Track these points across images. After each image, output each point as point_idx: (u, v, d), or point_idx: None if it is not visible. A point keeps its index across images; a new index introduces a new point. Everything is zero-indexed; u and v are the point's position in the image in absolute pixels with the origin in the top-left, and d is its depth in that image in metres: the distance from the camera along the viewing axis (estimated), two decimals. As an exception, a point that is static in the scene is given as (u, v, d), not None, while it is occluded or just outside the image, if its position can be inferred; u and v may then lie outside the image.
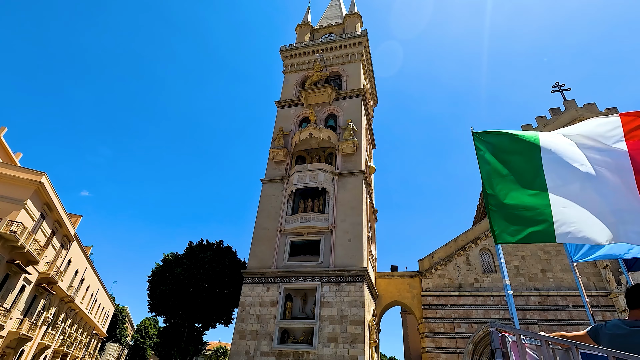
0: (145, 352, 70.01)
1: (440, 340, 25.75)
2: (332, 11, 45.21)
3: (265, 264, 24.46)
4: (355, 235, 24.15)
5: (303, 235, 25.09)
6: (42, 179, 24.94)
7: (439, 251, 29.41)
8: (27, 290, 26.94)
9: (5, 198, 23.56)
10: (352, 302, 21.63)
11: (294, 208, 26.79)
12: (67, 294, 34.41)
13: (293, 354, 20.72)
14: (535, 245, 27.67)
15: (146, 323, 74.22)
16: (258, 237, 25.91)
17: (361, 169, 27.28)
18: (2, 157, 28.91)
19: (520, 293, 25.87)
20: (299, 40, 39.18)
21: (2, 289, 23.74)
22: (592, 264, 26.09)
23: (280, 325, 21.91)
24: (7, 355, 27.11)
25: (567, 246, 6.18)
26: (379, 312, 27.91)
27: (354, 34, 35.99)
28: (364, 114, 32.03)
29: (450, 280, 27.84)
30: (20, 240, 22.65)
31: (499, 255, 4.34)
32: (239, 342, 21.87)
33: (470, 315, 26.15)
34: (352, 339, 20.44)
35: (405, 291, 28.49)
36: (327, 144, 29.58)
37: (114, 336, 64.72)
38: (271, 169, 29.37)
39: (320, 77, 33.04)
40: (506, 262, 25.96)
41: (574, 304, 24.97)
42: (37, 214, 25.54)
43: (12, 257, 23.51)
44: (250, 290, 23.63)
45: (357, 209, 25.31)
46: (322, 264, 23.49)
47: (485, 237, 28.73)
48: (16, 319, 26.10)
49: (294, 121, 31.97)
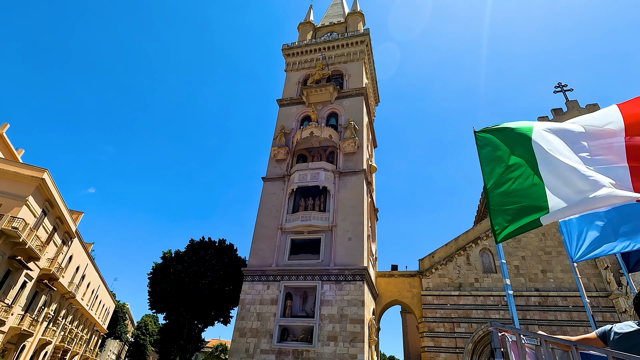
0: (146, 348, 70.26)
1: (440, 339, 25.77)
2: (335, 9, 45.10)
3: (266, 262, 24.49)
4: (355, 234, 24.15)
5: (303, 234, 25.11)
6: (43, 176, 25.00)
7: (440, 251, 29.39)
8: (29, 287, 27.04)
9: (7, 194, 23.63)
10: (352, 301, 21.65)
11: (295, 206, 26.80)
12: (68, 291, 34.52)
13: (293, 352, 20.76)
14: (535, 246, 27.64)
15: (146, 320, 74.49)
16: (259, 235, 25.94)
17: (362, 168, 27.26)
18: (4, 154, 28.98)
19: (520, 293, 25.85)
20: (301, 39, 39.12)
21: (4, 285, 23.84)
22: (592, 265, 26.05)
23: (280, 323, 21.95)
24: (9, 350, 27.25)
25: (568, 246, 6.15)
26: (378, 311, 27.93)
27: (356, 32, 35.91)
28: (366, 113, 31.99)
29: (451, 280, 27.84)
30: (21, 236, 22.72)
31: (500, 255, 4.33)
32: (238, 340, 21.93)
33: (470, 315, 26.15)
34: (352, 338, 20.47)
35: (405, 290, 28.50)
36: (329, 142, 29.56)
37: (115, 333, 64.97)
38: (272, 167, 29.37)
39: (322, 76, 32.97)
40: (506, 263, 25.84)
41: (574, 305, 24.94)
42: (39, 210, 25.60)
43: (13, 253, 23.60)
44: (250, 288, 23.68)
45: (357, 208, 25.31)
46: (323, 263, 23.51)
47: (485, 237, 28.70)
48: (17, 314, 26.20)
49: (296, 120, 31.95)
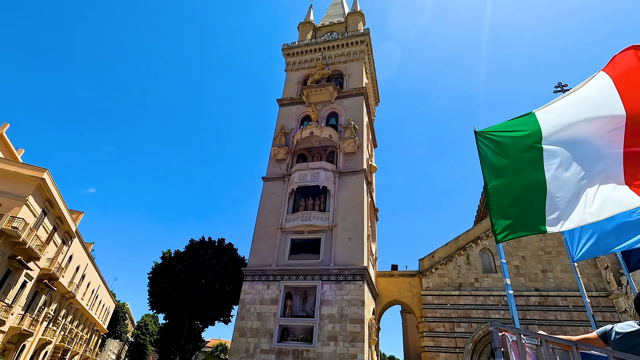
0: (146, 348, 70.28)
1: (440, 339, 25.78)
2: (335, 9, 45.08)
3: (266, 262, 24.49)
4: (355, 234, 24.16)
5: (303, 234, 25.11)
6: (43, 175, 24.99)
7: (440, 251, 29.40)
8: (29, 286, 27.04)
9: (7, 194, 23.62)
10: (352, 301, 21.66)
11: (295, 206, 26.80)
12: (68, 290, 34.53)
13: (293, 351, 20.77)
14: (535, 246, 27.65)
15: (146, 319, 74.50)
16: (259, 235, 25.95)
17: (362, 167, 27.26)
18: (4, 153, 28.98)
19: (520, 293, 25.85)
20: (301, 39, 39.11)
21: (4, 285, 23.84)
22: (592, 264, 26.05)
23: (280, 323, 21.97)
24: (9, 350, 27.26)
25: (568, 246, 6.14)
26: (378, 310, 27.94)
27: (356, 32, 35.91)
28: (366, 112, 31.99)
29: (451, 279, 27.84)
30: (21, 236, 22.72)
31: (500, 255, 4.33)
32: (239, 340, 21.94)
33: (470, 314, 26.16)
34: (352, 338, 20.48)
35: (405, 290, 28.51)
36: (329, 142, 29.56)
37: (115, 332, 65.02)
38: (272, 167, 29.38)
39: (322, 76, 32.98)
40: (507, 262, 25.81)
41: (574, 305, 24.95)
42: (39, 210, 25.60)
43: (13, 253, 23.60)
44: (250, 288, 23.69)
45: (357, 207, 25.31)
46: (323, 263, 23.52)
47: (485, 237, 28.71)
48: (17, 314, 26.20)
49: (296, 119, 31.95)
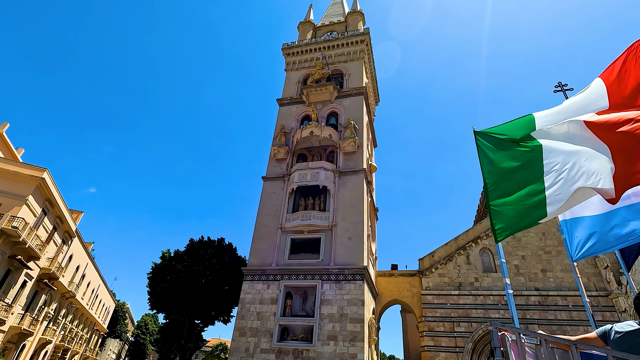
0: (146, 348, 70.27)
1: (440, 339, 25.79)
2: (335, 9, 45.06)
3: (266, 262, 24.49)
4: (355, 234, 24.16)
5: (303, 233, 25.12)
6: (43, 175, 24.99)
7: (440, 250, 29.41)
8: (29, 286, 27.05)
9: (6, 194, 23.62)
10: (352, 300, 21.67)
11: (295, 206, 26.80)
12: (68, 290, 34.53)
13: (293, 351, 20.78)
14: (535, 245, 27.66)
15: (146, 319, 74.48)
16: (259, 234, 25.95)
17: (362, 167, 27.25)
18: (4, 153, 28.97)
19: (520, 293, 25.86)
20: (301, 38, 39.09)
21: (4, 285, 23.85)
22: (592, 264, 26.06)
23: (280, 322, 21.97)
24: (9, 350, 27.27)
25: (567, 245, 6.15)
26: (378, 310, 27.95)
27: (356, 32, 35.89)
28: (366, 112, 31.98)
29: (450, 279, 27.85)
30: (21, 235, 22.71)
31: (500, 255, 4.34)
32: (238, 339, 21.95)
33: (469, 314, 26.17)
34: (352, 337, 20.48)
35: (405, 290, 28.52)
36: (329, 142, 29.55)
37: (115, 332, 65.04)
38: (272, 167, 29.37)
39: (322, 75, 32.97)
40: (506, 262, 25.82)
41: (573, 304, 24.96)
42: (39, 209, 25.60)
43: (13, 253, 23.60)
44: (250, 287, 23.69)
45: (357, 207, 25.31)
46: (323, 262, 23.52)
47: (485, 237, 28.71)
48: (17, 314, 26.21)
49: (296, 119, 31.94)
